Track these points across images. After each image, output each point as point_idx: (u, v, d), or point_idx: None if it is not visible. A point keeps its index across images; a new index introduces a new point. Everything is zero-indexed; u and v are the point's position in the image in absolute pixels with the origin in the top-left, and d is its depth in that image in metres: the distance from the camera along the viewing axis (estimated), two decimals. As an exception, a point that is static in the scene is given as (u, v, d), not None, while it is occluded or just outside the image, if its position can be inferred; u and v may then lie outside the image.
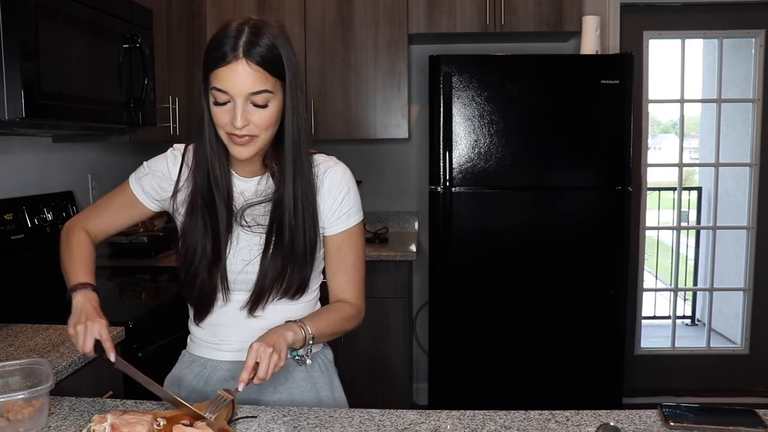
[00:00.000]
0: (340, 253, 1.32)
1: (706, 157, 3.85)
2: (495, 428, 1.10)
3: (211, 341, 1.33)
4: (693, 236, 4.08)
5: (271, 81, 1.14)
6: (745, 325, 3.51)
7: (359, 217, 1.33)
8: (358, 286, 1.34)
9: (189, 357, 1.38)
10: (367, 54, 3.07)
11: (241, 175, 1.29)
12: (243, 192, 1.28)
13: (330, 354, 1.42)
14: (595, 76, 2.73)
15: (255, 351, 1.10)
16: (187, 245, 1.27)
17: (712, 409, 1.16)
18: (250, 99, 1.14)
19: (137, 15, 2.13)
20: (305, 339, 1.19)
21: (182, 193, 1.29)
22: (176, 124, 2.63)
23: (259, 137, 1.18)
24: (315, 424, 1.12)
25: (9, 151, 2.20)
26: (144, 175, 1.35)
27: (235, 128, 1.15)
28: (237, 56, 1.11)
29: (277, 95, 1.17)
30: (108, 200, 1.40)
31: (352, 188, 1.31)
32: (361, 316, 1.35)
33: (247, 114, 1.15)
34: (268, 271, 1.24)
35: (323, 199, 1.28)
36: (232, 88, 1.13)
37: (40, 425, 1.10)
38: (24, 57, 1.55)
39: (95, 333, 1.15)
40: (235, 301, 1.29)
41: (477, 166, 2.78)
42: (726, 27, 3.33)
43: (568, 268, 2.84)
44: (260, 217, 1.26)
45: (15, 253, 2.07)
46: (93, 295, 1.25)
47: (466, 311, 2.87)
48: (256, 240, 1.26)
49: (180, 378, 1.37)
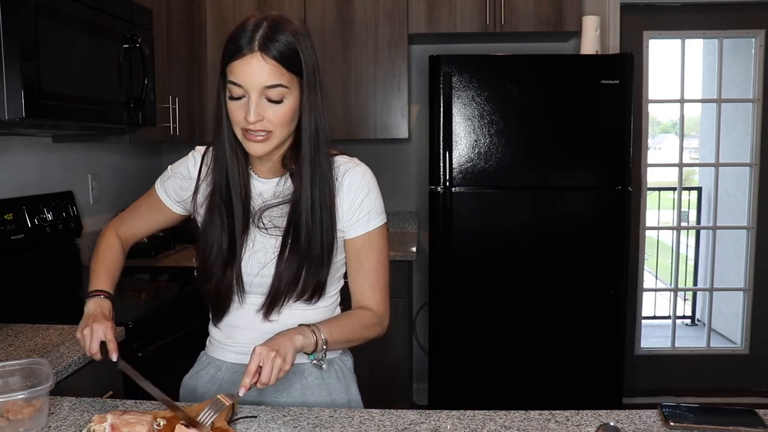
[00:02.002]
0: (360, 257, 1.28)
1: (706, 157, 3.85)
2: (495, 428, 1.10)
3: (226, 343, 1.33)
4: (693, 236, 4.08)
5: (287, 76, 1.13)
6: (745, 325, 3.51)
7: (380, 220, 1.28)
8: (381, 292, 1.30)
9: (206, 358, 1.39)
10: (367, 54, 3.07)
11: (260, 176, 1.28)
12: (262, 193, 1.27)
13: (349, 361, 1.39)
14: (595, 76, 2.73)
15: (257, 355, 1.07)
16: (204, 242, 1.27)
17: (712, 409, 1.16)
18: (265, 93, 1.13)
19: (137, 15, 2.13)
20: (317, 344, 1.16)
21: (201, 194, 1.29)
22: (176, 124, 2.63)
23: (274, 134, 1.16)
24: (315, 424, 1.12)
25: (9, 151, 2.20)
26: (167, 178, 1.37)
27: (248, 123, 1.14)
28: (252, 49, 1.11)
29: (293, 91, 1.15)
30: (138, 204, 1.44)
31: (372, 190, 1.27)
32: (384, 325, 1.30)
33: (260, 109, 1.14)
34: (283, 274, 1.22)
35: (342, 201, 1.25)
36: (247, 81, 1.12)
37: (40, 425, 1.09)
38: (24, 57, 1.55)
39: (100, 335, 1.18)
40: (250, 304, 1.28)
41: (477, 166, 2.78)
42: (726, 27, 3.33)
43: (568, 268, 2.84)
44: (277, 219, 1.25)
45: (15, 253, 2.07)
46: (105, 302, 1.28)
47: (466, 311, 2.87)
48: (272, 242, 1.24)
49: (196, 378, 1.38)
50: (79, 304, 2.16)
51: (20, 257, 2.10)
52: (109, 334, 1.18)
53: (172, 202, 1.36)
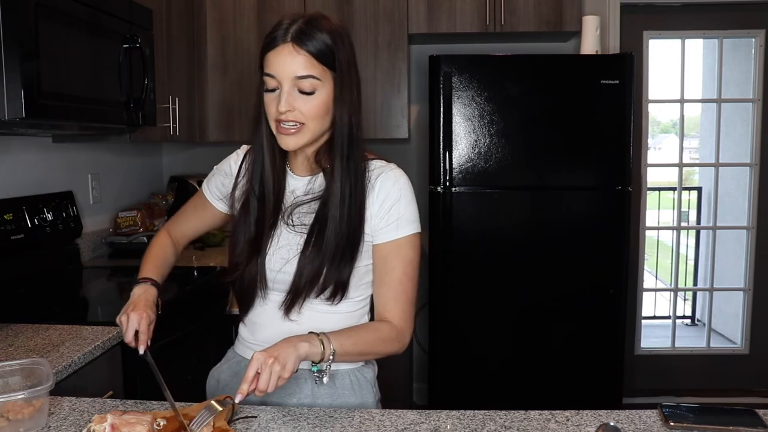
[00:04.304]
0: (386, 265, 1.24)
1: (706, 157, 3.85)
2: (495, 428, 1.10)
3: (249, 340, 1.34)
4: (693, 236, 4.08)
5: (319, 68, 1.15)
6: (745, 325, 3.51)
7: (411, 229, 1.25)
8: (404, 306, 1.25)
9: (231, 353, 1.41)
10: (367, 54, 3.07)
11: (296, 174, 1.29)
12: (294, 190, 1.28)
13: (370, 372, 1.34)
14: (595, 76, 2.73)
15: (256, 361, 1.05)
16: (234, 235, 1.29)
17: (712, 409, 1.16)
18: (297, 84, 1.14)
19: (137, 15, 2.13)
20: (324, 354, 1.12)
21: (239, 189, 1.31)
22: (176, 124, 2.63)
23: (306, 126, 1.17)
24: (315, 424, 1.12)
25: (9, 151, 2.20)
26: (212, 176, 1.41)
27: (280, 114, 1.15)
28: (285, 40, 1.14)
29: (325, 84, 1.16)
30: (187, 205, 1.48)
31: (404, 196, 1.24)
32: (403, 341, 1.25)
33: (292, 99, 1.15)
34: (305, 269, 1.21)
35: (372, 203, 1.23)
36: (279, 71, 1.14)
37: (40, 425, 1.09)
38: (24, 57, 1.55)
39: (135, 324, 1.22)
40: (273, 301, 1.28)
41: (477, 166, 2.78)
42: (726, 27, 3.33)
43: (568, 268, 2.84)
44: (305, 216, 1.24)
45: (15, 253, 2.07)
46: (151, 289, 1.33)
47: (465, 311, 2.87)
48: (296, 239, 1.24)
49: (219, 372, 1.40)
50: (79, 304, 2.16)
51: (20, 257, 2.10)
52: (142, 325, 1.22)
53: (216, 200, 1.39)
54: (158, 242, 1.46)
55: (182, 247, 1.50)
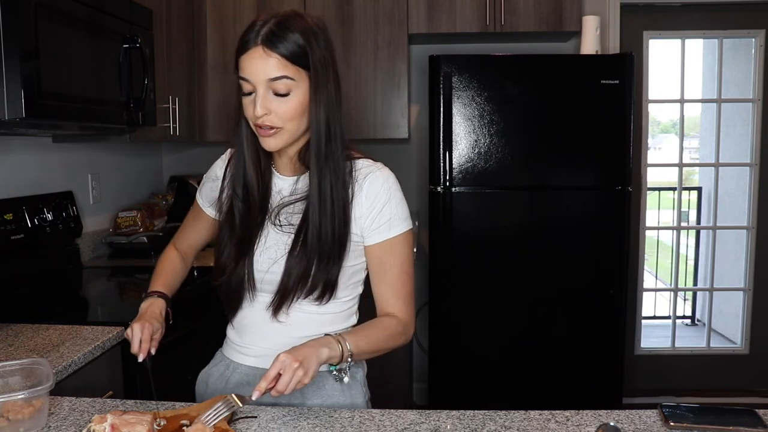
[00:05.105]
0: (383, 264, 1.25)
1: (706, 157, 3.85)
2: (495, 428, 1.10)
3: (237, 343, 1.33)
4: (693, 236, 4.08)
5: (292, 69, 1.14)
6: (745, 325, 3.51)
7: (404, 226, 1.25)
8: (405, 300, 1.27)
9: (219, 356, 1.40)
10: (367, 54, 3.07)
11: (282, 174, 1.29)
12: (281, 190, 1.28)
13: (359, 373, 1.34)
14: (595, 76, 2.73)
15: (280, 362, 1.06)
16: (220, 236, 1.29)
17: (712, 409, 1.16)
18: (271, 86, 1.14)
19: (137, 15, 2.13)
20: (342, 356, 1.13)
21: (225, 193, 1.30)
22: (176, 124, 2.63)
23: (284, 129, 1.17)
24: (315, 424, 1.12)
25: (9, 151, 2.20)
26: (203, 184, 1.40)
27: (256, 117, 1.15)
28: (256, 43, 1.13)
29: (300, 84, 1.15)
30: (187, 217, 1.48)
31: (394, 196, 1.24)
32: (408, 334, 1.27)
33: (267, 102, 1.14)
34: (293, 269, 1.21)
35: (360, 204, 1.23)
36: (252, 74, 1.14)
37: (40, 425, 1.09)
38: (24, 57, 1.55)
39: (138, 334, 1.23)
40: (261, 303, 1.27)
41: (477, 166, 2.78)
42: (726, 27, 3.33)
43: (568, 268, 2.84)
44: (293, 217, 1.24)
45: (15, 253, 2.07)
46: (158, 301, 1.33)
47: (465, 311, 2.87)
48: (284, 239, 1.24)
49: (208, 375, 1.39)
50: (79, 304, 2.16)
51: (20, 257, 2.10)
52: (145, 335, 1.22)
53: (209, 207, 1.38)
54: (165, 257, 1.46)
55: (191, 258, 1.49)
